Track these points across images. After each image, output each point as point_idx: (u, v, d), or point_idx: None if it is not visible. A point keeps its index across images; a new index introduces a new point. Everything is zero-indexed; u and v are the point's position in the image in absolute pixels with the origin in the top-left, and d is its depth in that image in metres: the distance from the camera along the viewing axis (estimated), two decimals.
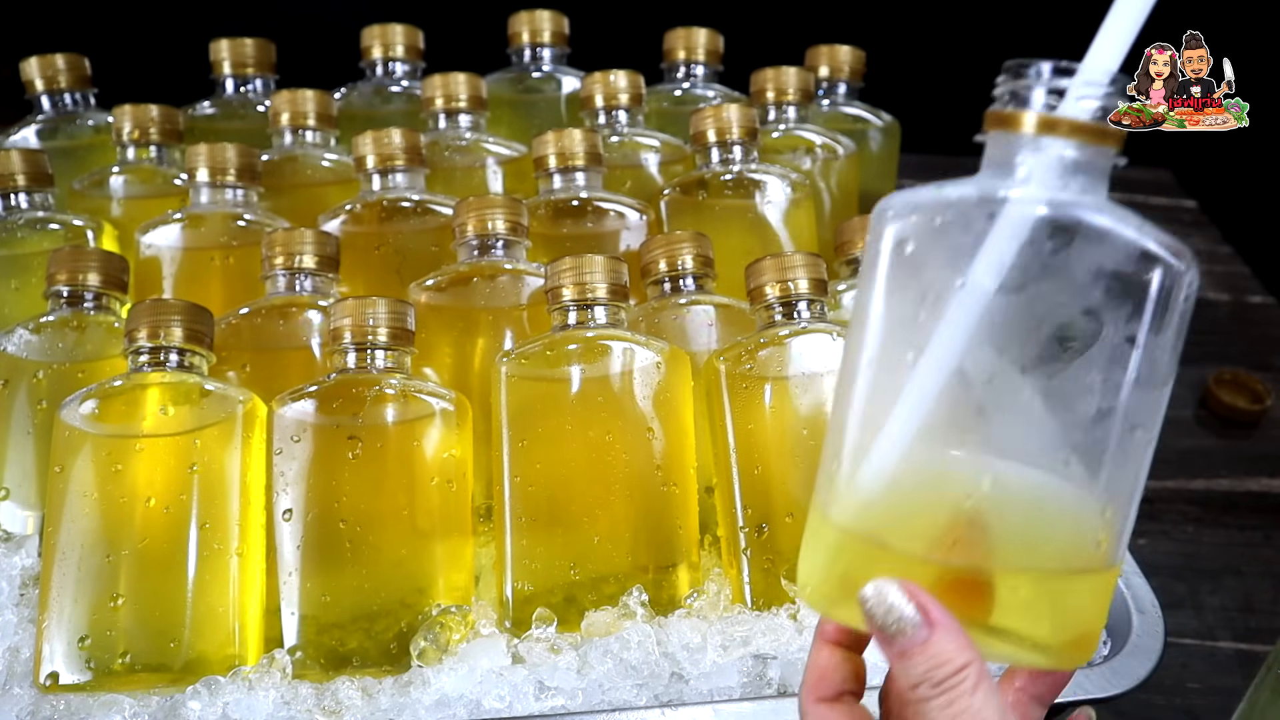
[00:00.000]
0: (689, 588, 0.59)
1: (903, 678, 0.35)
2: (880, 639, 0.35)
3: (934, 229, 0.35)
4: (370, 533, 0.57)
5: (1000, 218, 0.34)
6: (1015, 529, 0.35)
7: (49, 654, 0.55)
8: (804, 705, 0.39)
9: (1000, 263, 0.34)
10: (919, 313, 0.35)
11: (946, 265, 0.34)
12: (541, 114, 0.87)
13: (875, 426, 0.36)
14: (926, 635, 0.34)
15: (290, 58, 0.90)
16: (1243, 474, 0.94)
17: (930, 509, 0.36)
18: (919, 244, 0.35)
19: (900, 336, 0.36)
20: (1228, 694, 0.72)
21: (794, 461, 0.59)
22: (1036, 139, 0.35)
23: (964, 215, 0.35)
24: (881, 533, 0.36)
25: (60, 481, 0.56)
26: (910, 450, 0.35)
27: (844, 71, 0.90)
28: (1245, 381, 1.01)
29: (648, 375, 0.60)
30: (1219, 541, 0.87)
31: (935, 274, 0.35)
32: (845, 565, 0.37)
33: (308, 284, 0.66)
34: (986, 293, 0.34)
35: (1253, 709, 0.56)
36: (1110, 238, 0.34)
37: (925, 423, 0.35)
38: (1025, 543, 0.36)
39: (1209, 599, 0.82)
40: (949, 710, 0.34)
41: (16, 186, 0.74)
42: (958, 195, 0.35)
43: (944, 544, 0.35)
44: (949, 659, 0.34)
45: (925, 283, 0.35)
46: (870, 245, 0.37)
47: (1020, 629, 0.36)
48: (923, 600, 0.34)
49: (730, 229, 0.74)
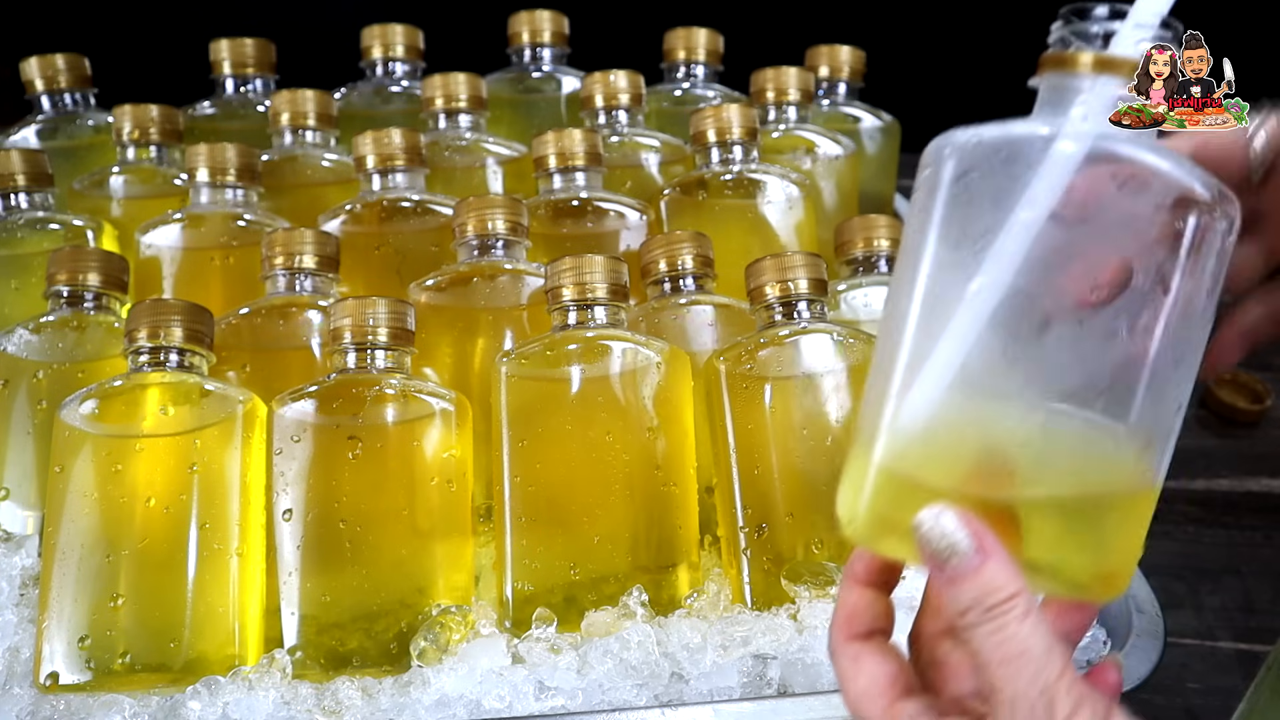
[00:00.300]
0: (689, 588, 0.59)
1: (951, 604, 0.35)
2: (932, 565, 0.35)
3: (996, 162, 0.36)
4: (370, 533, 0.57)
5: (1051, 152, 0.35)
6: (1052, 465, 0.36)
7: (49, 654, 0.55)
8: (834, 644, 0.39)
9: (1050, 196, 0.35)
10: (976, 244, 0.36)
11: (1002, 199, 0.36)
12: (541, 114, 0.87)
13: (920, 364, 0.36)
14: (979, 562, 0.34)
15: (290, 58, 0.90)
16: (1243, 474, 0.94)
17: (970, 445, 0.36)
18: (978, 177, 0.36)
19: (956, 268, 0.36)
20: (1228, 694, 0.72)
21: (794, 461, 0.59)
22: (1092, 78, 0.36)
23: (1020, 150, 0.36)
24: (924, 469, 0.37)
25: (60, 481, 0.56)
26: (952, 387, 0.36)
27: (844, 71, 0.90)
28: (1245, 381, 1.01)
29: (648, 375, 0.60)
30: (1219, 541, 0.87)
31: (990, 208, 0.36)
32: (888, 500, 0.37)
33: (308, 284, 0.66)
34: (1035, 224, 0.35)
35: (1253, 709, 0.56)
36: (1155, 175, 0.35)
37: (968, 359, 0.36)
38: (1062, 479, 0.36)
39: (1209, 599, 0.82)
40: (997, 636, 0.34)
41: (16, 186, 0.74)
42: (1019, 131, 0.36)
43: (984, 480, 0.36)
44: (1000, 586, 0.34)
45: (980, 217, 0.36)
46: (926, 180, 0.38)
47: (1056, 562, 0.36)
48: (976, 528, 0.35)
49: (730, 229, 0.74)
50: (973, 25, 1.32)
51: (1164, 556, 0.86)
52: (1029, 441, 0.36)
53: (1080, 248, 0.36)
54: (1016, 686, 0.34)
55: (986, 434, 0.36)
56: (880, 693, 0.38)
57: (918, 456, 0.37)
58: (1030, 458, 0.36)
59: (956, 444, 0.37)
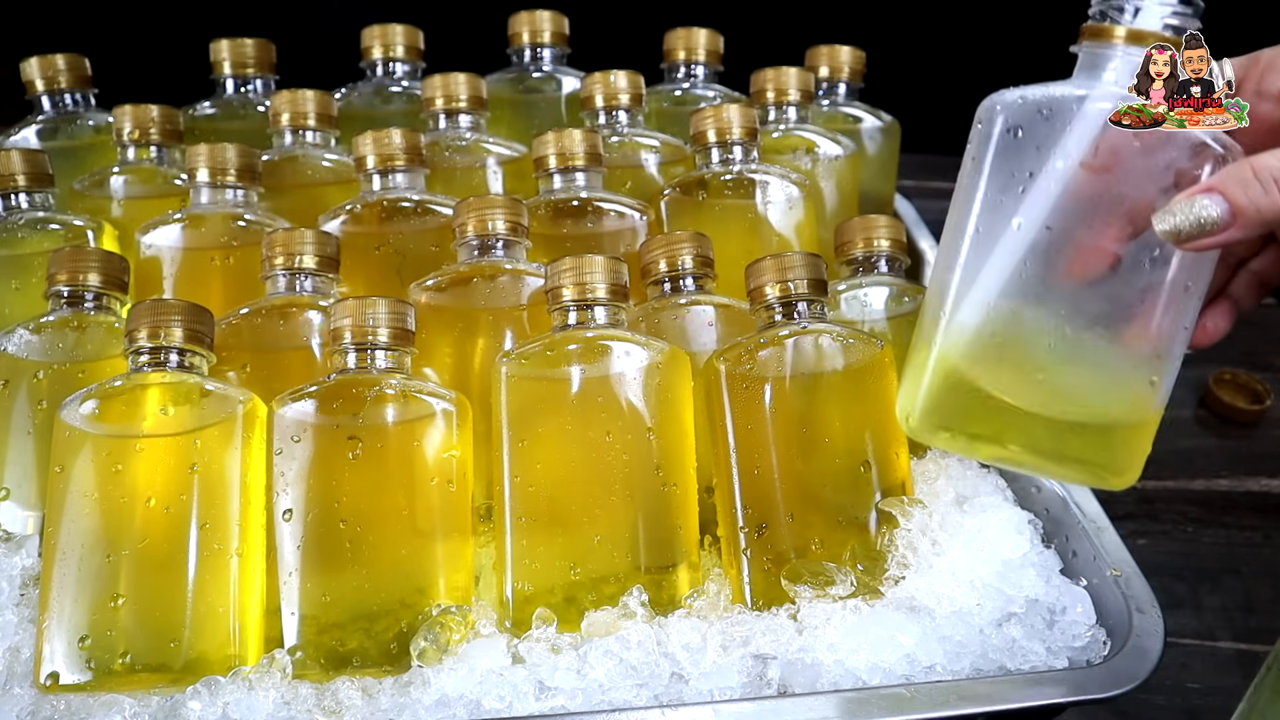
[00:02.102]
0: (689, 588, 0.59)
1: None
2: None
3: (1040, 119, 0.44)
4: (370, 533, 0.57)
5: (1084, 109, 0.42)
6: (1080, 381, 0.43)
7: (49, 654, 0.55)
8: None
9: (1080, 146, 0.42)
10: (1020, 186, 0.44)
11: (1045, 148, 0.43)
12: (541, 114, 0.87)
13: (973, 280, 0.44)
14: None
15: (290, 58, 0.90)
16: (1243, 474, 0.94)
17: (1012, 354, 0.44)
18: (1025, 130, 0.44)
19: (1002, 206, 0.44)
20: (1228, 694, 0.72)
21: (794, 461, 0.59)
22: (1122, 47, 0.43)
23: (1062, 107, 0.43)
24: (975, 367, 0.44)
25: (60, 481, 0.56)
26: (1000, 298, 0.43)
27: (844, 71, 0.90)
28: (1245, 381, 1.01)
29: (648, 375, 0.60)
30: (1219, 541, 0.87)
31: (1035, 155, 0.43)
32: (943, 393, 0.45)
33: (308, 284, 0.66)
34: (1069, 169, 0.42)
35: (1253, 709, 0.56)
36: (1174, 132, 0.41)
37: (1011, 280, 0.43)
38: (1087, 394, 0.43)
39: (1209, 599, 0.82)
40: None
41: (16, 186, 0.74)
42: (1058, 92, 0.44)
43: (1024, 388, 0.43)
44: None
45: (1026, 162, 0.43)
46: (980, 133, 0.45)
47: (1080, 457, 0.44)
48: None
49: (730, 229, 0.74)
50: (973, 25, 1.32)
51: (1164, 556, 0.86)
52: (1062, 357, 0.43)
53: (1109, 192, 0.42)
54: None
55: (1028, 345, 0.43)
56: None
57: (970, 355, 0.44)
58: (1063, 373, 0.43)
59: (1001, 349, 0.44)
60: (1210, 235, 0.40)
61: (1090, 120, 0.42)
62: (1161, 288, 0.43)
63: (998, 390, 0.43)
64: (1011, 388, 0.43)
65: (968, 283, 0.45)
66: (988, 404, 0.43)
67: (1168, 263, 0.43)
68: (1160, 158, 0.42)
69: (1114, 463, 0.45)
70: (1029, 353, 0.43)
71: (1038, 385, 0.43)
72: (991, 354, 0.44)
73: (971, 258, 0.45)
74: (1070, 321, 0.43)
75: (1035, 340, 0.43)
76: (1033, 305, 0.43)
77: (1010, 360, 0.43)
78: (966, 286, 0.45)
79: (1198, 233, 0.40)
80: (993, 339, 0.44)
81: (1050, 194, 0.43)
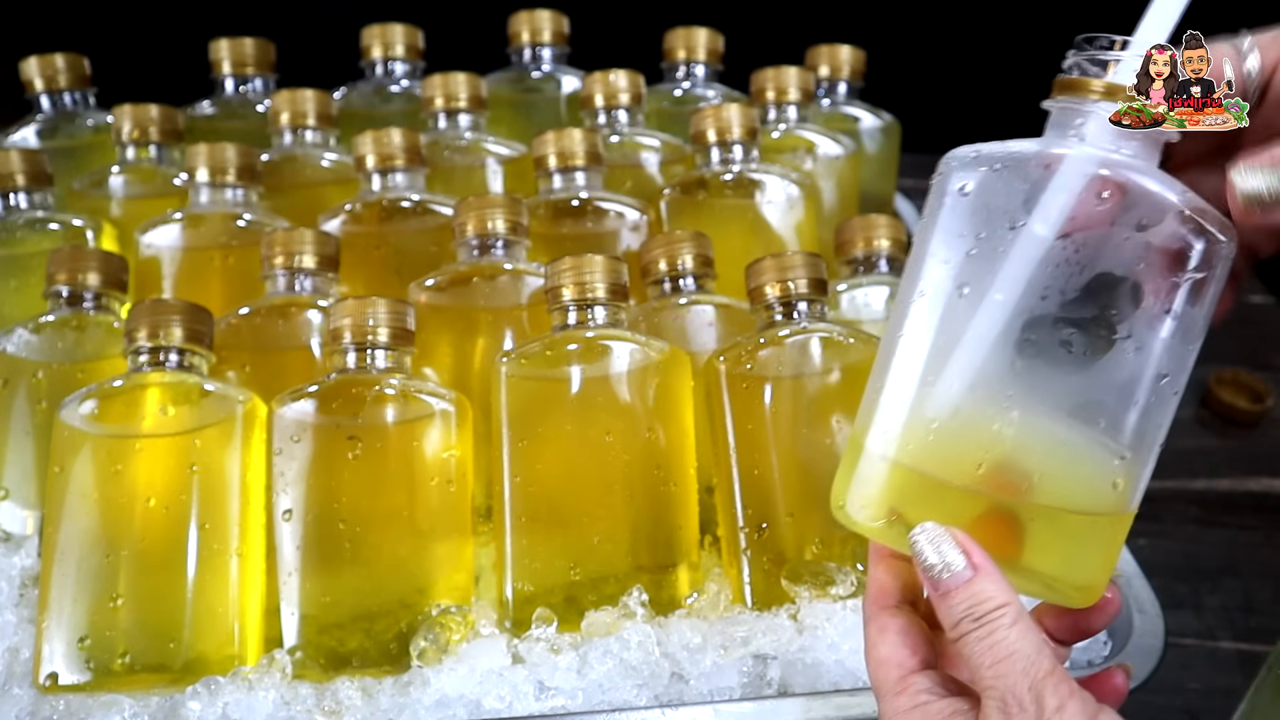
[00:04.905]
0: (689, 588, 0.59)
1: (945, 616, 0.37)
2: (927, 580, 0.38)
3: (992, 175, 0.39)
4: (370, 533, 0.57)
5: (1059, 172, 0.37)
6: (1051, 478, 0.38)
7: (49, 654, 0.55)
8: (867, 612, 0.42)
9: (1057, 213, 0.37)
10: (971, 249, 0.38)
11: (1000, 208, 0.38)
12: (541, 114, 0.87)
13: (919, 361, 0.39)
14: (969, 575, 0.37)
15: (290, 58, 0.90)
16: (1243, 474, 0.94)
17: (970, 449, 0.38)
18: (978, 188, 0.39)
19: (951, 273, 0.39)
20: (1228, 694, 0.72)
21: (794, 461, 0.59)
22: (1095, 103, 0.39)
23: (1021, 165, 0.38)
24: (925, 466, 0.39)
25: (60, 481, 0.56)
26: (962, 393, 0.38)
27: (844, 71, 0.90)
28: (1245, 381, 1.01)
29: (648, 375, 0.60)
30: (1219, 541, 0.87)
31: (989, 215, 0.38)
32: (888, 492, 0.40)
33: (308, 284, 0.66)
34: (1044, 240, 0.37)
35: (1253, 709, 0.56)
36: (1154, 200, 0.37)
37: (978, 369, 0.38)
38: (1058, 492, 0.38)
39: (1209, 599, 0.82)
40: (987, 641, 0.36)
41: (16, 186, 0.74)
42: (1018, 149, 0.39)
43: (980, 481, 0.38)
44: (990, 597, 0.36)
45: (979, 222, 0.38)
46: (933, 192, 0.40)
47: (1042, 568, 0.39)
48: (967, 545, 0.37)
49: (730, 229, 0.74)
50: (973, 25, 1.32)
51: (1164, 556, 0.86)
52: (1033, 452, 0.38)
53: (1088, 269, 0.37)
54: (1006, 683, 0.35)
55: (995, 439, 0.38)
56: (898, 663, 0.40)
57: (933, 452, 0.39)
58: (1033, 467, 0.38)
59: (968, 444, 0.38)
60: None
61: (1060, 184, 0.37)
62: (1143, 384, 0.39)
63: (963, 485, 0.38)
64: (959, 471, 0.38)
65: (914, 362, 0.39)
66: (942, 500, 0.38)
67: (1152, 354, 0.38)
68: (1129, 225, 0.37)
69: (1078, 576, 0.40)
70: (999, 448, 0.38)
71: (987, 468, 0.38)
72: (959, 446, 0.39)
73: (919, 330, 0.39)
74: (1046, 416, 0.38)
75: (1006, 434, 0.38)
76: (994, 397, 0.38)
77: (978, 455, 0.38)
78: (911, 368, 0.39)
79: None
80: (963, 430, 0.39)
81: (1013, 267, 0.37)
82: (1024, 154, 0.38)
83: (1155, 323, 0.38)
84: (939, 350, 0.39)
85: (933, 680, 0.39)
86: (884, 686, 0.40)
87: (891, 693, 0.39)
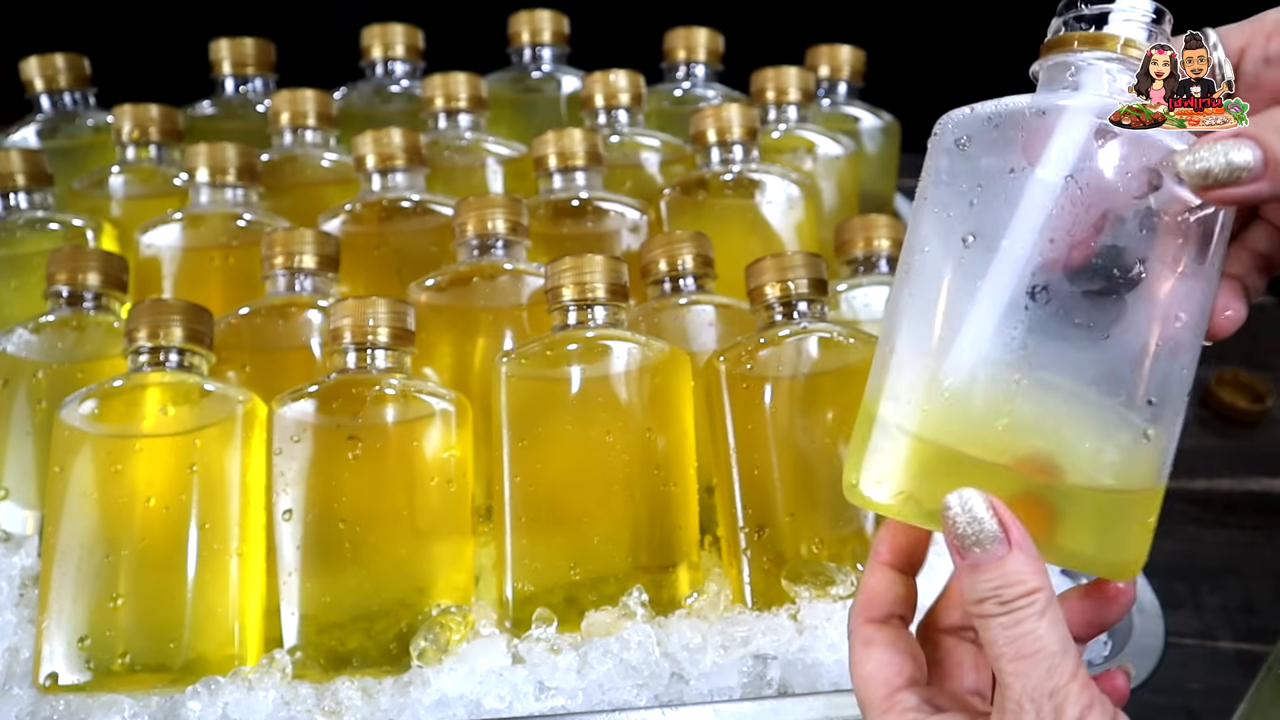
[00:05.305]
0: (689, 588, 0.59)
1: (969, 591, 0.35)
2: (955, 548, 0.35)
3: (989, 126, 0.39)
4: (370, 533, 0.57)
5: (1059, 121, 0.37)
6: (1072, 451, 0.37)
7: (49, 654, 0.55)
8: (851, 625, 0.40)
9: (1058, 158, 0.37)
10: (973, 198, 0.38)
11: (997, 155, 0.38)
12: (541, 114, 0.87)
13: (930, 318, 0.38)
14: (1004, 552, 0.34)
15: (290, 58, 0.90)
16: (1243, 474, 0.94)
17: (992, 413, 0.37)
18: (974, 140, 0.39)
19: (955, 224, 0.38)
20: (1228, 694, 0.72)
21: (794, 461, 0.59)
22: (1084, 53, 0.39)
23: (1017, 115, 0.38)
24: (944, 437, 0.37)
25: (60, 481, 0.56)
26: (978, 349, 0.37)
27: (844, 71, 0.90)
28: (1245, 381, 1.01)
29: (647, 375, 0.60)
30: (1219, 541, 0.87)
31: (988, 165, 0.38)
32: (905, 466, 0.38)
33: (308, 284, 0.66)
34: (1047, 184, 0.37)
35: (1253, 709, 0.56)
36: (1151, 140, 0.37)
37: (992, 324, 0.37)
38: (1082, 463, 0.37)
39: (1209, 599, 0.82)
40: (1013, 631, 0.34)
41: (16, 186, 0.74)
42: (1012, 102, 0.39)
43: (1005, 453, 0.37)
44: (1022, 580, 0.34)
45: (979, 173, 0.38)
46: (930, 151, 0.40)
47: (1078, 547, 0.37)
48: (1005, 517, 0.35)
49: (730, 229, 0.74)
50: (973, 25, 1.32)
51: (1164, 556, 0.85)
52: (1057, 428, 0.37)
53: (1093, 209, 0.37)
54: (1028, 684, 0.33)
55: (1016, 401, 0.37)
56: (884, 680, 0.38)
57: (952, 421, 0.37)
58: (1058, 445, 0.37)
59: (989, 410, 0.37)
60: (1239, 184, 0.35)
61: (1063, 132, 0.38)
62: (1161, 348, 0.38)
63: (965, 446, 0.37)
64: (980, 440, 0.37)
65: (919, 315, 0.38)
66: (971, 476, 0.36)
67: (1171, 319, 0.38)
68: (1131, 166, 0.37)
69: (1112, 553, 0.38)
70: (1021, 420, 0.37)
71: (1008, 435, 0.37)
72: (982, 417, 0.37)
73: (924, 289, 0.39)
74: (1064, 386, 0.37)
75: (1026, 405, 0.37)
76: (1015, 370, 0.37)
77: (1002, 428, 0.37)
78: (920, 319, 0.38)
79: (1227, 177, 0.35)
80: (983, 401, 0.37)
81: (1024, 218, 0.37)
82: (1018, 105, 0.39)
83: (1166, 267, 0.37)
84: (949, 305, 0.38)
85: (920, 698, 0.38)
86: (870, 704, 0.38)
87: (878, 711, 0.38)
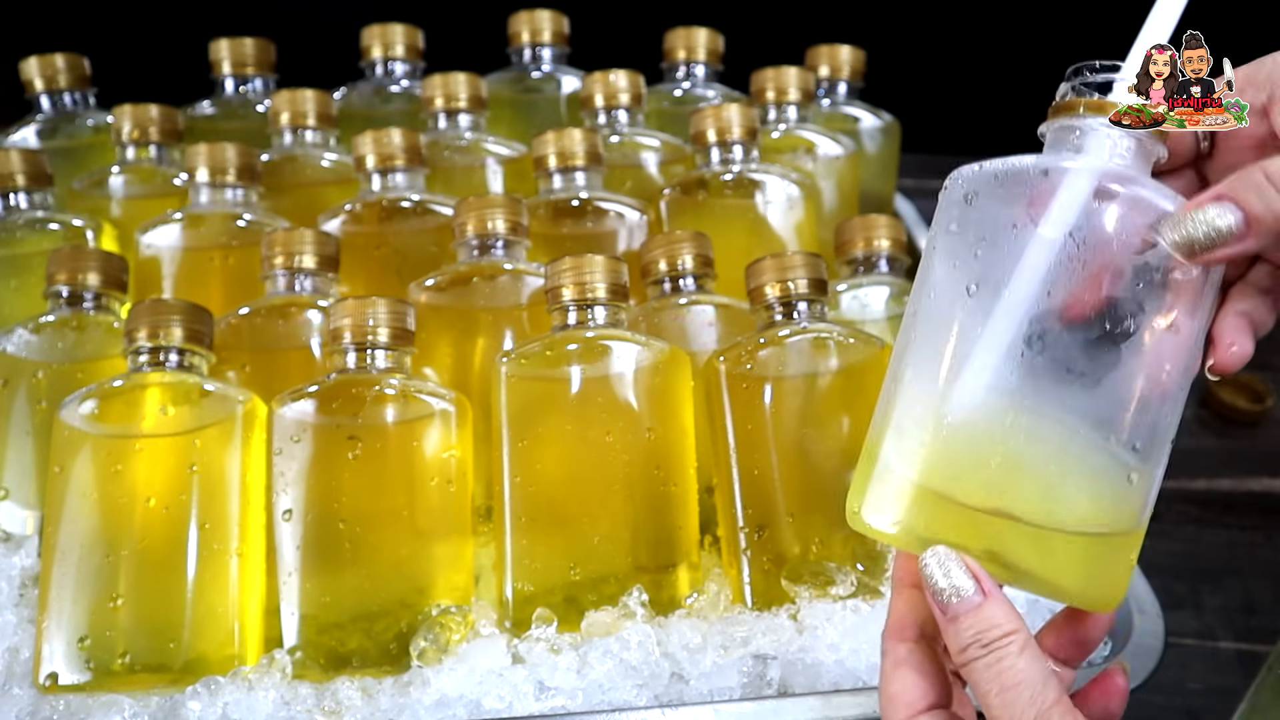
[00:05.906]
0: (689, 588, 0.59)
1: (953, 641, 0.38)
2: (936, 603, 0.38)
3: (995, 184, 0.41)
4: (370, 533, 0.57)
5: (1062, 181, 0.39)
6: (1067, 492, 0.39)
7: (49, 654, 0.55)
8: (885, 645, 0.42)
9: (1060, 217, 0.39)
10: (977, 250, 0.40)
11: (1002, 210, 0.40)
12: (541, 114, 0.87)
13: (931, 364, 0.40)
14: (980, 600, 0.37)
15: (290, 58, 0.90)
16: (1243, 474, 0.94)
17: (989, 459, 0.39)
18: (982, 196, 0.41)
19: (959, 273, 0.41)
20: (1228, 694, 0.72)
21: (794, 461, 0.59)
22: (1089, 119, 0.41)
23: (1022, 174, 0.40)
24: (940, 484, 0.40)
25: (60, 481, 0.56)
26: (976, 396, 0.39)
27: (844, 71, 0.90)
28: (1245, 381, 1.01)
29: (647, 375, 0.60)
30: (1219, 541, 0.87)
31: (993, 220, 0.40)
32: (902, 505, 0.40)
33: (308, 284, 0.66)
34: (1048, 241, 0.39)
35: (1253, 710, 0.56)
36: (1148, 204, 0.39)
37: (990, 371, 0.39)
38: (1069, 510, 0.39)
39: (1209, 599, 0.82)
40: (995, 669, 0.36)
41: (16, 186, 0.74)
42: (1019, 161, 0.41)
43: (994, 500, 0.39)
44: (998, 624, 0.37)
45: (984, 227, 0.41)
46: (940, 205, 0.43)
47: (1061, 582, 0.39)
48: (978, 572, 0.38)
49: (730, 229, 0.74)
50: (973, 25, 1.32)
51: (1164, 556, 0.86)
52: (1047, 474, 0.39)
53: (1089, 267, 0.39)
54: (1014, 711, 0.36)
55: (1009, 450, 0.39)
56: (907, 703, 0.40)
57: (947, 469, 0.40)
58: (1047, 491, 0.39)
59: (985, 455, 0.39)
60: (1225, 246, 0.37)
61: (1064, 193, 0.39)
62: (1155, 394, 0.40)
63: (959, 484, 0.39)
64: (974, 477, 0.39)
65: (922, 360, 0.41)
66: (958, 517, 0.39)
67: (1162, 367, 0.39)
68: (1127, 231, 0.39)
69: (1092, 588, 0.40)
70: (1013, 461, 0.39)
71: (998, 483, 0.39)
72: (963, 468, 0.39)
73: (928, 335, 0.41)
74: (1059, 427, 0.39)
75: (1020, 447, 0.39)
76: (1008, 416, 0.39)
77: (982, 475, 0.39)
78: (922, 364, 0.40)
79: (1212, 242, 0.37)
80: (980, 443, 0.39)
81: (1025, 272, 0.39)
82: (1024, 164, 0.41)
83: (1157, 320, 0.39)
84: (951, 348, 0.40)
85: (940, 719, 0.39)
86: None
87: None
